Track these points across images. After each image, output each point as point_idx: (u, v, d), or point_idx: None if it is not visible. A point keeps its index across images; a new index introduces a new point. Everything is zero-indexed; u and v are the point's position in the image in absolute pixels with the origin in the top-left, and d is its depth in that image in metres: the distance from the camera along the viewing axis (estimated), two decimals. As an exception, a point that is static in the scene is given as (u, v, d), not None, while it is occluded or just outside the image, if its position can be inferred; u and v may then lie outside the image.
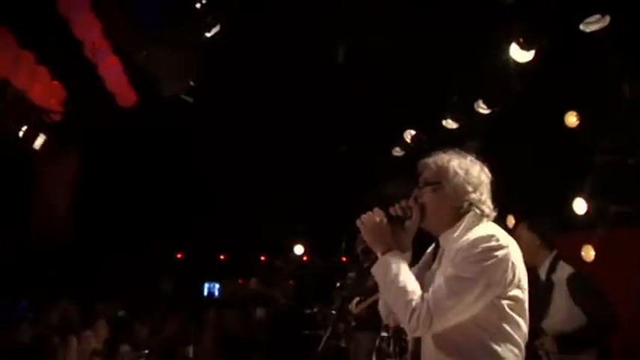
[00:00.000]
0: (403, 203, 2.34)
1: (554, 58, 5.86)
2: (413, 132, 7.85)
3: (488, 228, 2.21)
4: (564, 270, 3.93)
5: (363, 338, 6.38)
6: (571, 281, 3.85)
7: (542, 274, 3.97)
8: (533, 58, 5.81)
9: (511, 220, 6.54)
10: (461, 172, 2.28)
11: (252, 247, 12.51)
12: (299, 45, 7.42)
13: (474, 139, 7.05)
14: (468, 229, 2.20)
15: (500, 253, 2.10)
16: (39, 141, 7.73)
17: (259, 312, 8.87)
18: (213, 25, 5.80)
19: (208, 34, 5.84)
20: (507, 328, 2.14)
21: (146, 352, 5.50)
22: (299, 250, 10.82)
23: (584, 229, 6.09)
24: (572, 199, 6.10)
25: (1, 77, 6.94)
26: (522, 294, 2.18)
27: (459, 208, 2.26)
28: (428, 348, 2.21)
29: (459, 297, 2.06)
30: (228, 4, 5.99)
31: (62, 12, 6.24)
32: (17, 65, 7.17)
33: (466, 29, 6.39)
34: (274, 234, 11.51)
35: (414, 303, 2.08)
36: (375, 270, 2.26)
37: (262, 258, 13.14)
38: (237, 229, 11.84)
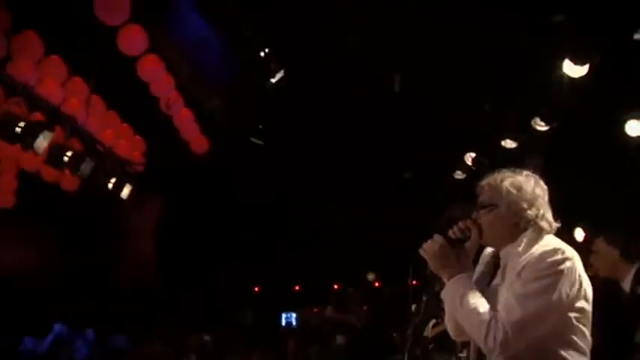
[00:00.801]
0: (461, 225, 2.40)
1: (608, 70, 5.96)
2: (473, 155, 8.04)
3: (551, 242, 2.25)
4: None
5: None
6: None
7: (626, 286, 3.92)
8: (588, 72, 5.95)
9: (580, 233, 6.60)
10: (514, 191, 2.32)
11: (325, 277, 12.84)
12: (357, 77, 7.80)
13: (534, 156, 7.20)
14: (531, 244, 2.24)
15: (567, 265, 2.15)
16: (125, 191, 8.33)
17: (339, 339, 9.10)
18: (277, 71, 6.27)
19: (273, 80, 6.31)
20: (575, 338, 2.19)
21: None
22: (371, 277, 11.04)
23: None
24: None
25: (92, 136, 7.68)
26: (588, 305, 2.24)
27: (516, 226, 2.30)
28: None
29: (532, 314, 2.10)
30: (290, 51, 6.45)
31: (141, 75, 6.89)
32: (105, 124, 7.96)
33: (517, 48, 6.60)
34: (346, 263, 11.80)
35: (487, 324, 2.12)
36: (444, 295, 2.33)
37: (335, 286, 13.42)
38: (310, 261, 12.23)
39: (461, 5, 6.39)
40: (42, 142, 6.13)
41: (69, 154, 6.97)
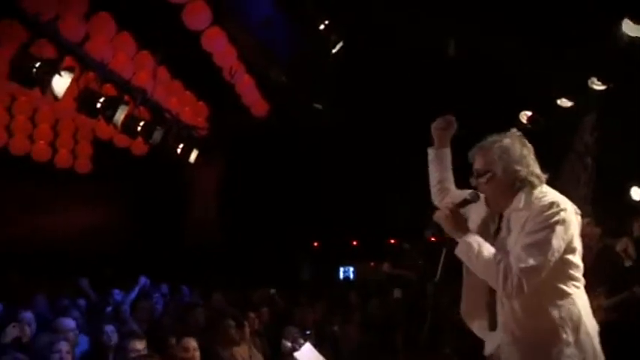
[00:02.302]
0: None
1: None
2: (529, 113, 8.08)
3: (547, 195, 2.60)
4: None
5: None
6: None
7: None
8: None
9: (637, 192, 6.67)
10: (504, 155, 2.65)
11: (382, 232, 13.20)
12: (413, 42, 7.88)
13: (589, 115, 7.23)
14: (528, 199, 2.60)
15: (562, 215, 2.51)
16: (193, 155, 8.84)
17: (396, 292, 9.52)
18: (337, 42, 6.51)
19: (333, 50, 6.56)
20: (571, 271, 2.61)
21: (308, 332, 6.32)
22: (428, 232, 11.21)
23: None
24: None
25: (160, 105, 8.15)
26: (578, 242, 2.62)
27: (512, 186, 2.64)
28: None
29: (540, 259, 2.46)
30: (348, 22, 6.64)
31: (205, 47, 7.24)
32: (170, 93, 8.43)
33: (577, 6, 6.56)
34: (403, 219, 12.08)
35: (503, 272, 2.47)
36: (459, 251, 2.64)
37: (392, 241, 13.75)
38: (367, 217, 12.60)
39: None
40: (120, 115, 6.62)
41: (141, 124, 7.47)
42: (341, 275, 14.64)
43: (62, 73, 5.24)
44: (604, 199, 6.72)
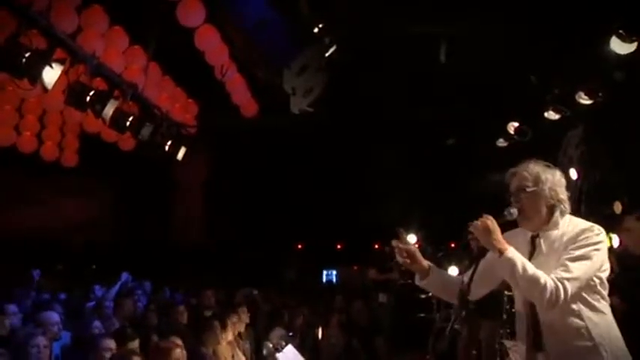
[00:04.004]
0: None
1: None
2: (516, 124, 8.18)
3: (579, 220, 2.86)
4: None
5: (485, 325, 6.78)
6: None
7: None
8: (637, 49, 5.99)
9: (618, 207, 6.75)
10: (550, 177, 2.86)
11: (366, 237, 13.24)
12: (402, 47, 7.95)
13: (575, 129, 7.32)
14: (562, 222, 2.84)
15: (601, 238, 2.77)
16: (181, 153, 8.79)
17: (381, 297, 9.58)
18: (331, 46, 6.52)
19: (326, 54, 6.57)
20: (601, 289, 2.79)
21: (290, 334, 6.34)
22: (411, 238, 11.25)
23: None
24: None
25: (150, 101, 8.10)
26: (608, 265, 2.82)
27: (551, 206, 2.85)
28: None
29: (584, 274, 2.67)
30: (341, 24, 6.65)
31: (198, 45, 7.20)
32: (160, 89, 8.37)
33: (566, 22, 6.64)
34: (387, 223, 12.15)
35: (549, 288, 2.61)
36: (501, 265, 2.73)
37: (376, 246, 13.80)
38: (352, 221, 12.64)
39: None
40: (109, 109, 6.57)
41: (130, 119, 7.40)
42: (324, 278, 14.67)
43: (53, 64, 5.18)
44: (587, 212, 6.81)
